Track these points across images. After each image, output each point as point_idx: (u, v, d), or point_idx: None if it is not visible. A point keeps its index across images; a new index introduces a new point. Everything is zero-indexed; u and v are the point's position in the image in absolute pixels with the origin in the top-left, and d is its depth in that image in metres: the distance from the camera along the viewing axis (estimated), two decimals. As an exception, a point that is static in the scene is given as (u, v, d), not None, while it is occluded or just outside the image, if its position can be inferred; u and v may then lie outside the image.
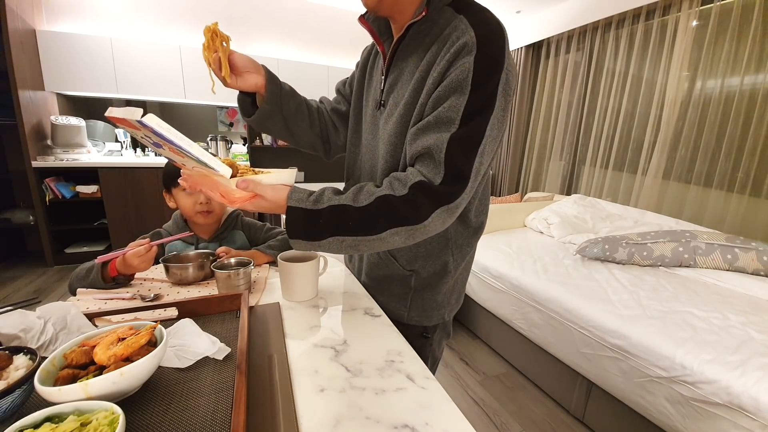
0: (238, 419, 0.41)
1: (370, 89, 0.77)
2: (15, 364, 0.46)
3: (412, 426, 0.47)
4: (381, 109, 0.71)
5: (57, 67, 3.00)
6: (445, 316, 0.83)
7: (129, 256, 0.82)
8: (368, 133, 0.76)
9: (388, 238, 0.57)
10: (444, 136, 0.56)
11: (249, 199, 0.58)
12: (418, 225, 0.56)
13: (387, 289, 0.81)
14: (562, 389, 1.62)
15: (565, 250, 2.18)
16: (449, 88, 0.57)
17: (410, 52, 0.65)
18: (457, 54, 0.56)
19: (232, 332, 0.65)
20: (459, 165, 0.56)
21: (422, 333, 0.82)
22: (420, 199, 0.56)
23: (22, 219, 3.05)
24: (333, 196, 0.59)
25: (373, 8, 0.64)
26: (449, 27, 0.59)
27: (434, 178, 0.57)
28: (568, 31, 3.24)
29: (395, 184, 0.58)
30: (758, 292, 1.60)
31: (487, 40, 0.56)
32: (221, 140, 3.73)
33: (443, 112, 0.57)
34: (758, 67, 2.12)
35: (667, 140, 2.56)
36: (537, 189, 3.79)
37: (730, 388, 1.06)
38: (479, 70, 0.55)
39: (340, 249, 0.59)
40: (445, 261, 0.76)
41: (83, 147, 3.08)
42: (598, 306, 1.49)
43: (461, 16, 0.59)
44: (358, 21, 0.73)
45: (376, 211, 0.56)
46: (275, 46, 3.80)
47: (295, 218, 0.58)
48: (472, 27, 0.57)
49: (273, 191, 0.58)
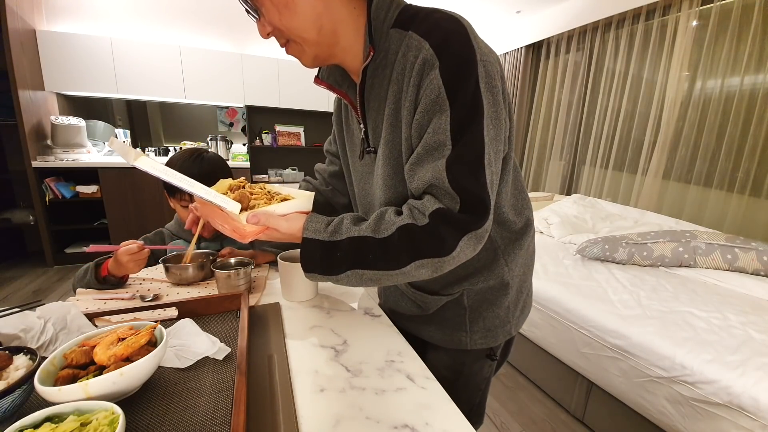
0: (238, 419, 0.41)
1: (351, 139, 0.72)
2: (15, 364, 0.46)
3: (412, 426, 0.47)
4: (371, 155, 0.66)
5: (57, 67, 3.01)
6: (512, 331, 0.74)
7: (120, 252, 0.81)
8: (360, 182, 0.71)
9: (412, 271, 0.52)
10: (440, 164, 0.51)
11: (261, 232, 0.55)
12: (446, 257, 0.51)
13: (437, 316, 0.72)
14: (562, 389, 1.62)
15: (565, 250, 2.18)
16: (427, 111, 0.52)
17: (377, 92, 0.60)
18: (421, 73, 0.51)
19: (232, 332, 0.65)
20: (469, 188, 0.51)
21: (488, 354, 0.74)
22: (443, 229, 0.51)
23: (22, 219, 3.05)
24: (352, 226, 0.54)
25: (312, 66, 0.61)
26: (401, 48, 0.54)
27: (452, 205, 0.51)
28: (568, 31, 3.24)
29: (415, 212, 0.53)
30: (758, 292, 1.60)
31: (445, 45, 0.51)
32: (221, 140, 3.73)
33: (430, 138, 0.52)
34: (758, 67, 2.12)
35: (667, 140, 2.56)
36: (537, 189, 3.79)
37: (730, 388, 1.06)
38: (450, 80, 0.50)
39: (360, 282, 0.55)
40: (499, 273, 0.68)
41: (83, 147, 3.08)
42: (598, 306, 1.49)
43: (410, 32, 0.54)
44: (314, 83, 0.69)
45: (398, 243, 0.51)
46: (275, 46, 3.79)
47: (311, 251, 0.54)
48: (425, 38, 0.52)
49: (287, 223, 0.55)
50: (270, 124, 4.02)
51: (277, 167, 4.17)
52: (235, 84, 3.62)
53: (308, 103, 3.96)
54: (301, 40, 0.55)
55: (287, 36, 0.55)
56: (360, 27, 0.57)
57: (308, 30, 0.54)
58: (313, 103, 3.98)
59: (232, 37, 3.65)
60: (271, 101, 3.81)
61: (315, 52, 0.57)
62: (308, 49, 0.57)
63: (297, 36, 0.55)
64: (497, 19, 3.57)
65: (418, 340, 0.72)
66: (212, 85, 3.54)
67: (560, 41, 3.38)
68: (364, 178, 0.69)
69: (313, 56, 0.58)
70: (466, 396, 0.76)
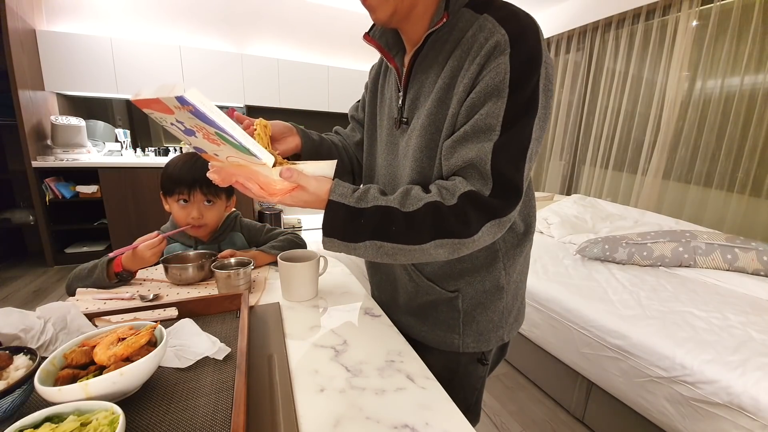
0: (238, 419, 0.41)
1: (384, 107, 0.71)
2: (15, 364, 0.46)
3: (412, 426, 0.46)
4: (403, 126, 0.65)
5: (57, 67, 3.00)
6: (505, 337, 0.74)
7: (142, 247, 0.85)
8: (386, 153, 0.70)
9: (431, 249, 0.52)
10: (486, 146, 0.51)
11: (291, 191, 0.53)
12: (467, 239, 0.52)
13: (431, 316, 0.72)
14: (562, 389, 1.62)
15: (565, 250, 2.18)
16: (484, 93, 0.52)
17: (430, 63, 0.60)
18: (489, 55, 0.52)
19: (232, 332, 0.65)
20: (508, 175, 0.51)
21: (479, 358, 0.74)
22: (470, 211, 0.51)
23: (22, 219, 3.05)
24: (379, 195, 0.54)
25: (385, 22, 0.59)
26: (472, 28, 0.55)
27: (483, 189, 0.52)
28: (568, 31, 3.24)
29: (444, 192, 0.53)
30: (758, 292, 1.60)
31: (520, 36, 0.51)
32: (221, 140, 3.72)
33: (481, 119, 0.52)
34: (758, 67, 2.12)
35: (667, 140, 2.56)
36: (537, 189, 3.79)
37: (730, 388, 1.06)
38: (516, 69, 0.51)
39: (376, 255, 0.54)
40: (496, 275, 0.68)
41: (83, 147, 3.08)
42: (598, 306, 1.49)
43: (485, 15, 0.54)
44: (364, 39, 0.68)
45: (423, 219, 0.51)
46: (275, 46, 3.80)
47: (334, 215, 0.53)
48: (501, 24, 0.52)
49: (316, 183, 0.53)
50: (270, 124, 4.01)
51: (278, 166, 4.17)
52: (235, 84, 3.62)
53: (308, 103, 3.96)
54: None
55: None
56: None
57: None
58: (314, 103, 3.98)
59: (232, 36, 3.65)
60: (271, 101, 3.80)
61: (396, 7, 0.57)
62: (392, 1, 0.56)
63: None
64: (497, 19, 3.57)
65: (411, 341, 0.72)
66: (212, 84, 3.54)
67: (560, 41, 3.39)
68: (391, 149, 0.69)
69: (392, 11, 0.57)
70: (462, 395, 0.76)
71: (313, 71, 3.83)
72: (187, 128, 0.47)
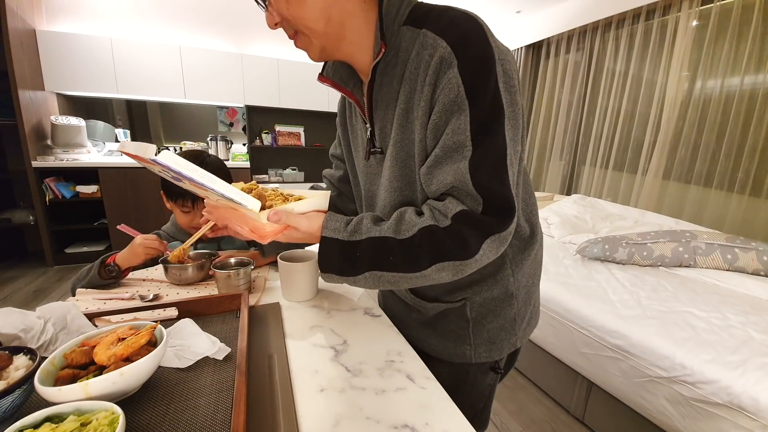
0: (238, 419, 0.41)
1: (357, 140, 0.70)
2: (15, 364, 0.46)
3: (412, 426, 0.47)
4: (378, 156, 0.64)
5: (57, 67, 3.01)
6: (517, 343, 0.71)
7: (139, 239, 0.87)
8: (369, 184, 0.69)
9: (432, 274, 0.51)
10: (461, 166, 0.49)
11: (281, 231, 0.54)
12: (468, 260, 0.50)
13: (440, 327, 0.71)
14: (562, 389, 1.62)
15: (565, 250, 2.18)
16: (444, 112, 0.50)
17: (386, 90, 0.58)
18: (437, 73, 0.50)
19: (232, 332, 0.65)
20: (495, 189, 0.49)
21: (492, 366, 0.72)
22: (466, 231, 0.49)
23: (22, 219, 3.05)
24: (372, 226, 0.53)
25: (320, 59, 0.59)
26: (415, 47, 0.52)
27: (475, 207, 0.50)
28: (568, 31, 3.24)
29: (436, 214, 0.51)
30: (758, 292, 1.60)
31: (463, 43, 0.49)
32: (221, 140, 3.73)
33: (449, 139, 0.50)
34: (758, 67, 2.12)
35: (667, 140, 2.56)
36: (537, 189, 3.79)
37: (730, 388, 1.06)
38: (469, 78, 0.48)
39: (378, 284, 0.53)
40: (504, 282, 0.66)
41: (83, 147, 3.08)
42: (598, 306, 1.49)
43: (424, 30, 0.52)
44: (318, 80, 0.67)
45: (419, 245, 0.50)
46: (275, 46, 3.80)
47: (329, 250, 0.53)
48: (441, 36, 0.50)
49: (307, 221, 0.54)
50: (270, 124, 4.02)
51: (277, 167, 4.17)
52: (235, 84, 3.62)
53: (308, 103, 3.96)
54: (309, 31, 0.54)
55: (295, 26, 0.54)
56: (370, 22, 0.56)
57: (316, 20, 0.53)
58: (314, 103, 3.98)
59: (232, 37, 3.65)
60: (271, 101, 3.81)
61: (322, 44, 0.56)
62: (316, 41, 0.55)
63: (304, 27, 0.53)
64: (497, 19, 3.57)
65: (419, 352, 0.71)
66: (212, 85, 3.54)
67: (560, 41, 3.38)
68: (371, 179, 0.67)
69: (321, 49, 0.56)
70: (470, 402, 0.74)
71: (313, 71, 3.82)
72: (173, 176, 0.49)
